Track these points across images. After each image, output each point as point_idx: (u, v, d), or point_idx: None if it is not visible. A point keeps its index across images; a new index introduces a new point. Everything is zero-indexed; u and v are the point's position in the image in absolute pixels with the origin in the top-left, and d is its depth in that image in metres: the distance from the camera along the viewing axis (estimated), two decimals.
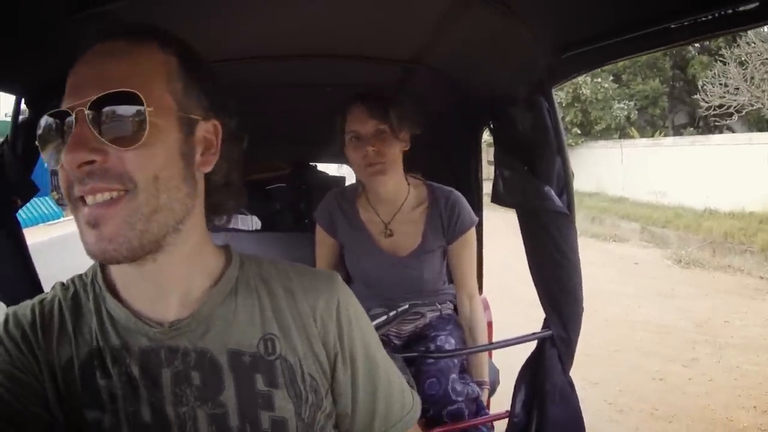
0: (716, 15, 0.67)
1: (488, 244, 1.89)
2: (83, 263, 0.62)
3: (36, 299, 0.64)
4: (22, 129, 1.05)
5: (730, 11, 0.66)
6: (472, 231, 1.47)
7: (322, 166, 3.11)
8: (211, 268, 0.65)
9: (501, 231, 3.16)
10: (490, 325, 1.70)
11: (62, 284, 0.66)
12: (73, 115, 0.53)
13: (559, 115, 1.08)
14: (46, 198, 11.29)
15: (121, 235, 0.53)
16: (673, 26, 0.74)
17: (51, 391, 0.59)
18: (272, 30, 1.21)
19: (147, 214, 0.55)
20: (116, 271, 0.63)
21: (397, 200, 1.47)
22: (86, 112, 0.52)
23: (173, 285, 0.62)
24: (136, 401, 0.59)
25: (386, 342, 1.48)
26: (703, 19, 0.69)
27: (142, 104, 0.54)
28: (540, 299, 1.17)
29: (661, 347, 4.14)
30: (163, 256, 0.58)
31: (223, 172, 0.65)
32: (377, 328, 1.30)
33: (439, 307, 1.55)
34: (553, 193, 1.03)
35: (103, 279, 0.64)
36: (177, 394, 0.59)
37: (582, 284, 1.11)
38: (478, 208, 1.70)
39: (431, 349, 1.41)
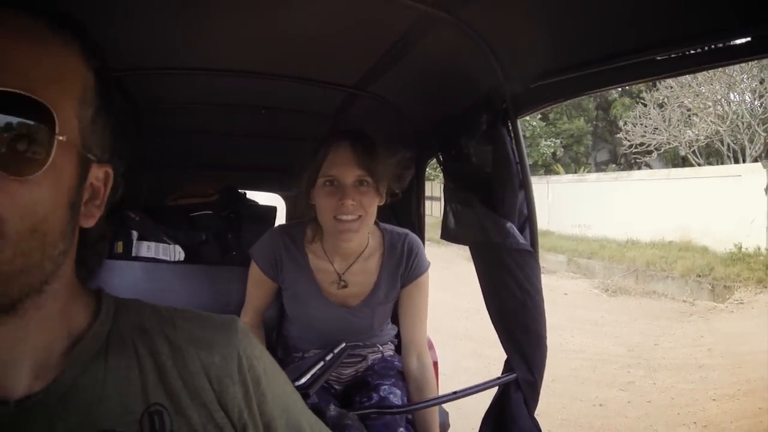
0: (706, 48, 0.63)
1: None
2: None
3: None
4: None
5: (721, 45, 0.62)
6: (426, 276, 1.34)
7: (251, 194, 2.91)
8: (75, 323, 0.50)
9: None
10: (435, 365, 1.58)
11: None
12: None
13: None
14: None
15: None
16: (658, 58, 0.69)
17: None
18: (208, 41, 1.07)
19: (9, 274, 0.41)
20: None
21: (356, 251, 1.32)
22: None
23: (25, 352, 0.46)
24: None
25: (326, 388, 1.34)
26: (692, 52, 0.65)
27: (53, 125, 0.41)
28: (501, 341, 1.08)
29: (597, 374, 4.24)
30: (14, 320, 0.43)
31: (101, 227, 0.52)
32: (316, 378, 1.15)
33: (381, 348, 1.43)
34: (515, 229, 0.96)
35: None
36: None
37: (545, 324, 1.03)
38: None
39: (374, 399, 1.27)
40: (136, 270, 1.99)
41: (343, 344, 1.17)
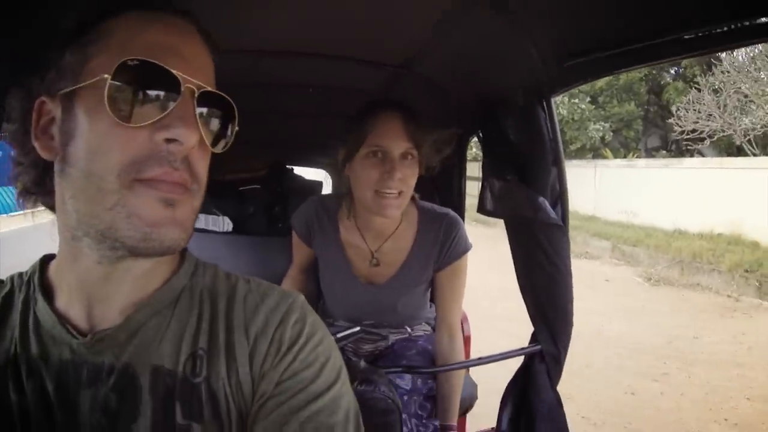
0: (733, 27, 0.64)
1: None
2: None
3: None
4: None
5: (747, 23, 0.63)
6: (465, 259, 1.29)
7: (298, 170, 3.03)
8: (160, 274, 0.58)
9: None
10: (468, 339, 1.64)
11: (0, 281, 0.59)
12: (183, 88, 0.49)
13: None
14: (8, 189, 10.76)
15: (189, 225, 0.52)
16: (686, 37, 0.70)
17: None
18: (255, 23, 1.13)
19: (196, 215, 0.54)
20: (68, 270, 0.55)
21: (390, 227, 1.29)
22: (196, 94, 0.50)
23: (120, 293, 0.55)
24: (49, 427, 0.51)
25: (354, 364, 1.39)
26: (719, 30, 0.66)
27: (234, 115, 0.56)
28: (529, 312, 1.12)
29: (632, 363, 4.17)
30: (149, 259, 0.54)
31: None
32: None
33: (408, 330, 1.43)
34: (547, 204, 0.99)
35: (40, 278, 0.56)
36: (94, 422, 0.52)
37: (573, 299, 1.07)
38: None
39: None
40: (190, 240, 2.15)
41: (357, 328, 1.18)
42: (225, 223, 2.32)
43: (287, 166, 2.80)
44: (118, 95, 0.47)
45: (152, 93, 0.48)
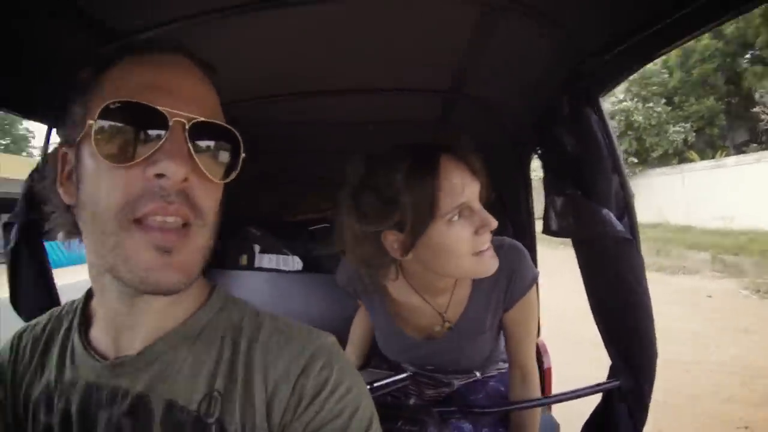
0: None
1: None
2: None
3: (31, 323, 0.65)
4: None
5: None
6: (533, 291, 1.11)
7: None
8: (186, 308, 0.60)
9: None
10: (548, 372, 1.52)
11: (59, 308, 0.66)
12: (171, 123, 0.50)
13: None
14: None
15: (190, 268, 0.52)
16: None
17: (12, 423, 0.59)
18: (306, 66, 1.18)
19: (204, 252, 0.54)
20: (98, 303, 0.59)
21: (452, 279, 1.08)
22: (187, 126, 0.51)
23: (145, 323, 0.57)
24: None
25: (404, 403, 1.28)
26: None
27: (239, 146, 0.55)
28: (604, 344, 1.00)
29: (745, 391, 3.67)
30: (165, 298, 0.55)
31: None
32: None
33: (477, 374, 1.29)
34: (612, 216, 0.91)
35: (83, 309, 0.62)
36: None
37: (654, 323, 0.94)
38: (531, 248, 1.50)
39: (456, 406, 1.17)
40: (258, 279, 2.26)
41: (404, 375, 1.09)
42: (295, 263, 2.40)
43: None
44: (107, 138, 0.49)
45: (140, 131, 0.50)
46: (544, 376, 1.47)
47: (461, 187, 0.92)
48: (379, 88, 1.35)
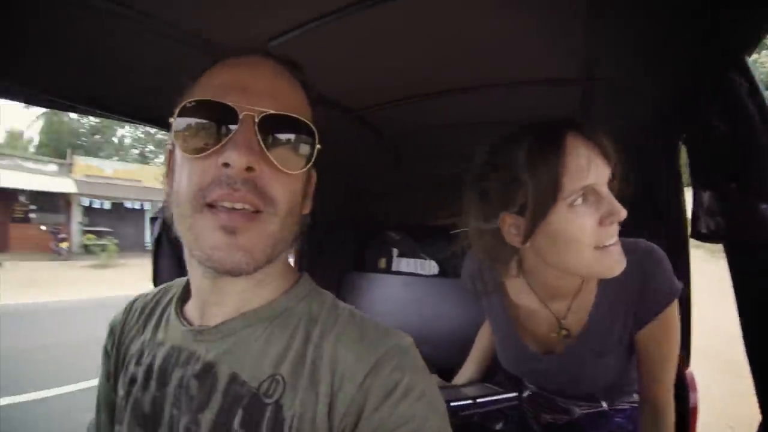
0: None
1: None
2: None
3: (145, 292, 0.76)
4: None
5: None
6: (673, 308, 0.92)
7: None
8: (271, 290, 0.63)
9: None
10: (694, 411, 1.20)
11: (170, 283, 0.75)
12: (241, 117, 0.54)
13: None
14: None
15: (256, 250, 0.55)
16: None
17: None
18: (434, 65, 1.14)
19: (275, 240, 0.57)
20: (192, 279, 0.65)
21: (575, 282, 0.97)
22: (256, 119, 0.55)
23: (231, 299, 0.62)
24: (143, 391, 0.63)
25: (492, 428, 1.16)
26: None
27: (314, 138, 0.58)
28: (754, 383, 0.76)
29: None
30: (249, 278, 0.59)
31: (308, 217, 0.66)
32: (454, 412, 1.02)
33: (604, 404, 1.11)
34: None
35: (185, 285, 0.69)
36: (176, 396, 0.60)
37: None
38: (682, 255, 1.23)
39: None
40: (396, 283, 2.30)
41: (515, 393, 0.99)
42: (431, 267, 2.40)
43: None
44: (186, 133, 0.56)
45: (215, 125, 0.55)
46: (689, 416, 1.18)
47: (587, 168, 0.81)
48: (513, 81, 1.23)
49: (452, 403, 1.10)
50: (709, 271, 3.21)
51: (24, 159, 17.77)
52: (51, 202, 17.19)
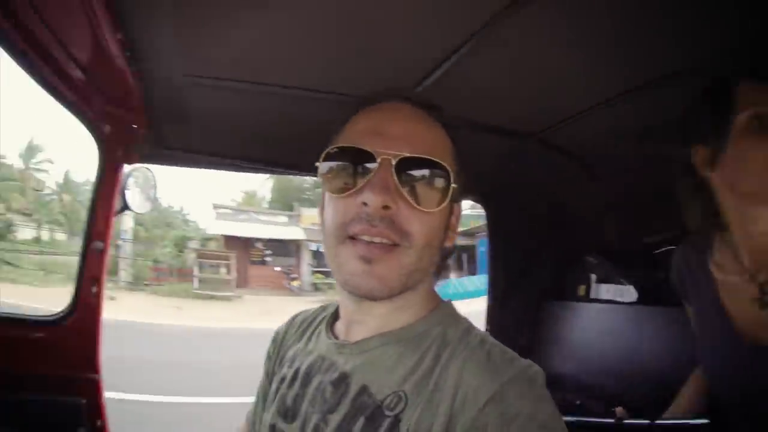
0: None
1: None
2: None
3: (308, 309, 0.89)
4: None
5: None
6: None
7: None
8: (406, 315, 0.68)
9: None
10: None
11: (330, 304, 0.85)
12: (378, 161, 0.60)
13: None
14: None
15: (390, 278, 0.61)
16: None
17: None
18: (604, 66, 1.09)
19: (409, 270, 0.63)
20: (341, 300, 0.74)
21: None
22: (393, 162, 0.60)
23: (375, 319, 0.69)
24: (289, 389, 0.73)
25: None
26: None
27: (449, 178, 0.63)
28: None
29: None
30: (388, 302, 0.66)
31: (450, 249, 0.72)
32: None
33: None
34: None
35: (338, 306, 0.78)
36: (314, 397, 0.69)
37: None
38: None
39: None
40: (592, 311, 2.13)
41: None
42: (630, 293, 2.13)
43: None
44: (330, 175, 0.64)
45: (355, 168, 0.62)
46: None
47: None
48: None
49: None
50: None
51: (259, 213, 22.62)
52: (283, 248, 21.14)
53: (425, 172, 0.61)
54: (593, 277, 2.29)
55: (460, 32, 0.91)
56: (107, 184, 1.37)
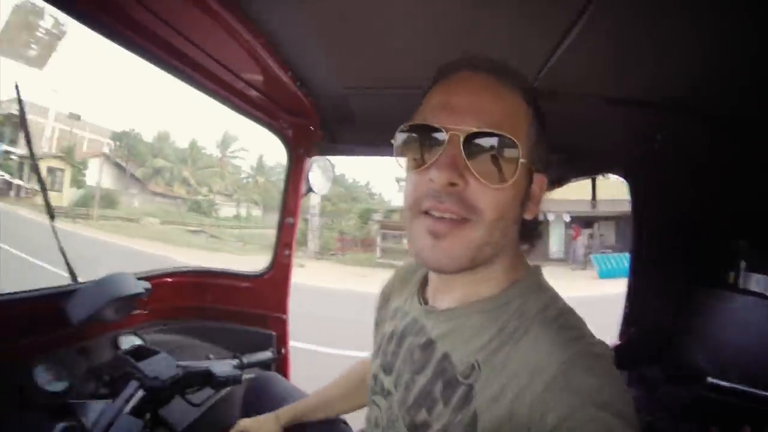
0: None
1: None
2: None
3: (411, 262, 0.91)
4: None
5: None
6: None
7: None
8: (488, 287, 0.69)
9: None
10: None
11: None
12: (447, 136, 0.59)
13: None
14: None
15: (457, 253, 0.61)
16: None
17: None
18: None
19: (480, 244, 0.62)
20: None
21: None
22: (461, 138, 0.59)
23: (458, 290, 0.71)
24: (388, 345, 0.79)
25: None
26: None
27: (518, 152, 0.60)
28: None
29: None
30: (468, 274, 0.66)
31: (536, 220, 0.70)
32: None
33: None
34: None
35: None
36: (405, 356, 0.73)
37: None
38: None
39: None
40: (739, 303, 1.89)
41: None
42: None
43: None
44: (406, 152, 0.64)
45: (426, 144, 0.62)
46: None
47: None
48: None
49: None
50: None
51: None
52: None
53: (494, 144, 0.59)
54: (743, 264, 2.03)
55: (570, 13, 0.91)
56: (295, 173, 1.82)
